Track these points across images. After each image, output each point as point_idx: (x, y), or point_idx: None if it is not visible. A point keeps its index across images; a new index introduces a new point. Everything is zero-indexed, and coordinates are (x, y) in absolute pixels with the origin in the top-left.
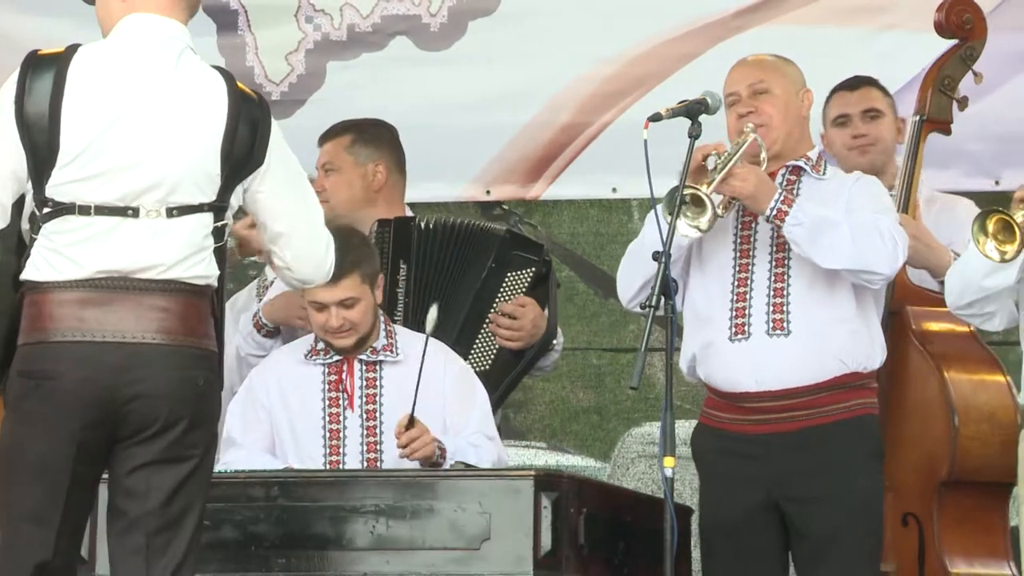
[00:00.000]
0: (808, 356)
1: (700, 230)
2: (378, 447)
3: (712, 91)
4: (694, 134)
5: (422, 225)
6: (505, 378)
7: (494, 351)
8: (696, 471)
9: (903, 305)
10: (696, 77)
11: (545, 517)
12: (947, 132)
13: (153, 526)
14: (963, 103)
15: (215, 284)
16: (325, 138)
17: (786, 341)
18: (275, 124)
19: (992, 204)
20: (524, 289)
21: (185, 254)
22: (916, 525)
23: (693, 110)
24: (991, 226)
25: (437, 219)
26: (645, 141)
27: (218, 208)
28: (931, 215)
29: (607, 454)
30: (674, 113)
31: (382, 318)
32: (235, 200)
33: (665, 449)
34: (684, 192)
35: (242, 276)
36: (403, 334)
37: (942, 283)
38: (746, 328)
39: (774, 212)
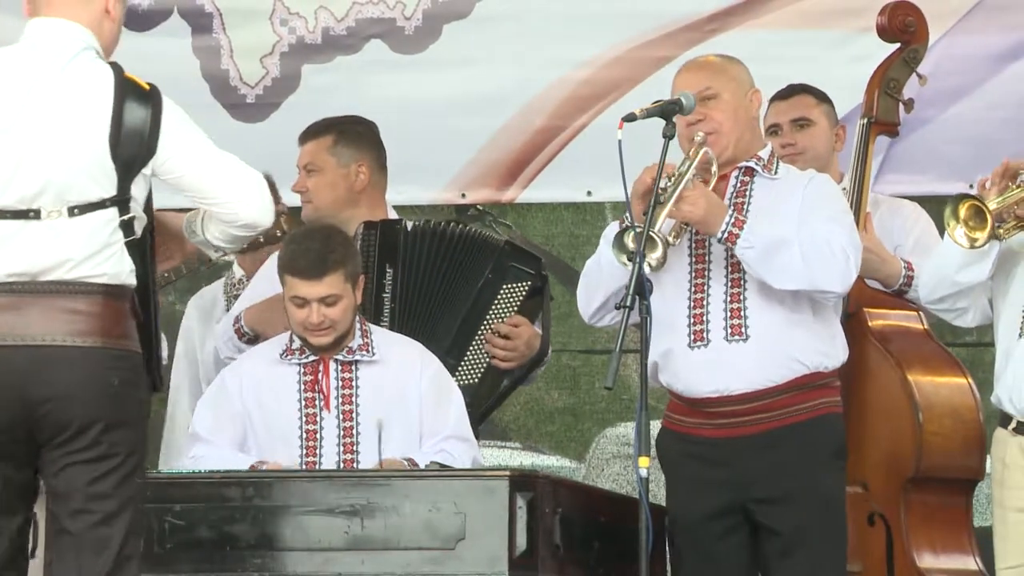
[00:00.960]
0: (767, 359)
1: (650, 267)
2: (355, 447)
3: (687, 92)
4: (668, 134)
5: (408, 227)
6: (493, 393)
7: (484, 364)
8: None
9: (859, 306)
10: (670, 81)
11: (520, 517)
12: (894, 134)
13: (80, 527)
14: (909, 105)
15: (131, 282)
16: (306, 137)
17: (744, 346)
18: (171, 106)
19: None
20: (519, 302)
21: (91, 251)
22: (883, 524)
23: (667, 110)
24: (963, 212)
25: (426, 223)
26: (619, 141)
27: (121, 202)
28: (876, 218)
29: (582, 455)
30: (648, 113)
31: (358, 318)
32: (138, 192)
33: (640, 449)
34: (630, 233)
35: (211, 273)
36: (378, 333)
37: (895, 292)
38: (704, 335)
39: (725, 235)
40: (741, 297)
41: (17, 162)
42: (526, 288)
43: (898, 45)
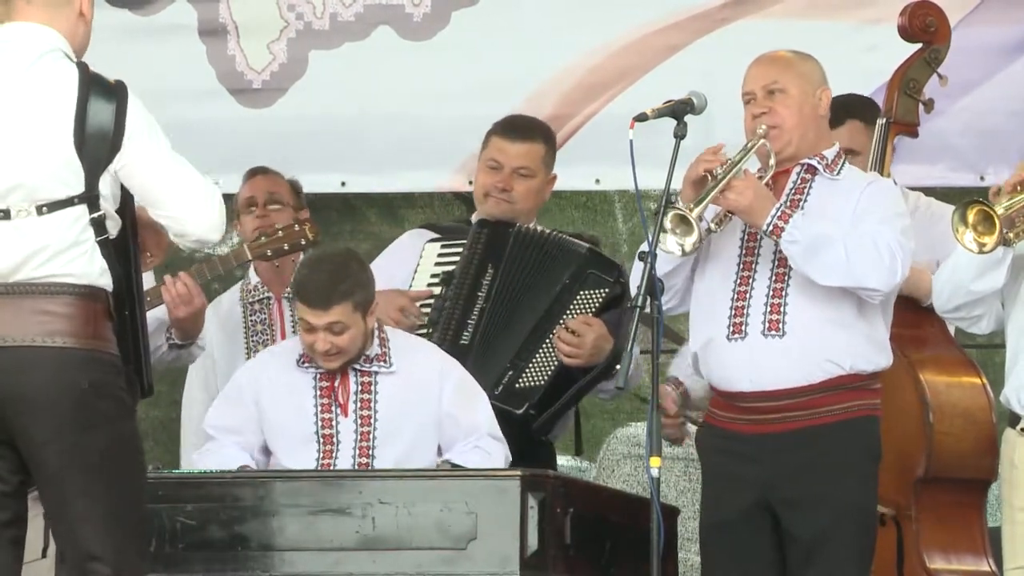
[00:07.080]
0: (800, 357)
1: (684, 251)
2: (370, 452)
3: (698, 91)
4: (679, 134)
5: (521, 231)
6: (557, 398)
7: (552, 368)
8: (682, 472)
9: None
10: (680, 69)
11: (531, 517)
12: (914, 135)
13: (62, 528)
14: (929, 105)
15: (102, 283)
16: (519, 136)
17: (780, 342)
18: (135, 106)
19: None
20: (594, 309)
21: (59, 249)
22: (894, 524)
23: (679, 110)
24: (971, 217)
25: (531, 228)
26: (631, 141)
27: (90, 199)
28: (914, 221)
29: (593, 455)
30: (659, 114)
31: (376, 325)
32: (106, 188)
33: (651, 449)
34: (670, 212)
35: (228, 279)
36: (397, 340)
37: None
38: (743, 328)
39: (770, 228)
40: (783, 293)
41: None
42: (603, 295)
43: (919, 45)
